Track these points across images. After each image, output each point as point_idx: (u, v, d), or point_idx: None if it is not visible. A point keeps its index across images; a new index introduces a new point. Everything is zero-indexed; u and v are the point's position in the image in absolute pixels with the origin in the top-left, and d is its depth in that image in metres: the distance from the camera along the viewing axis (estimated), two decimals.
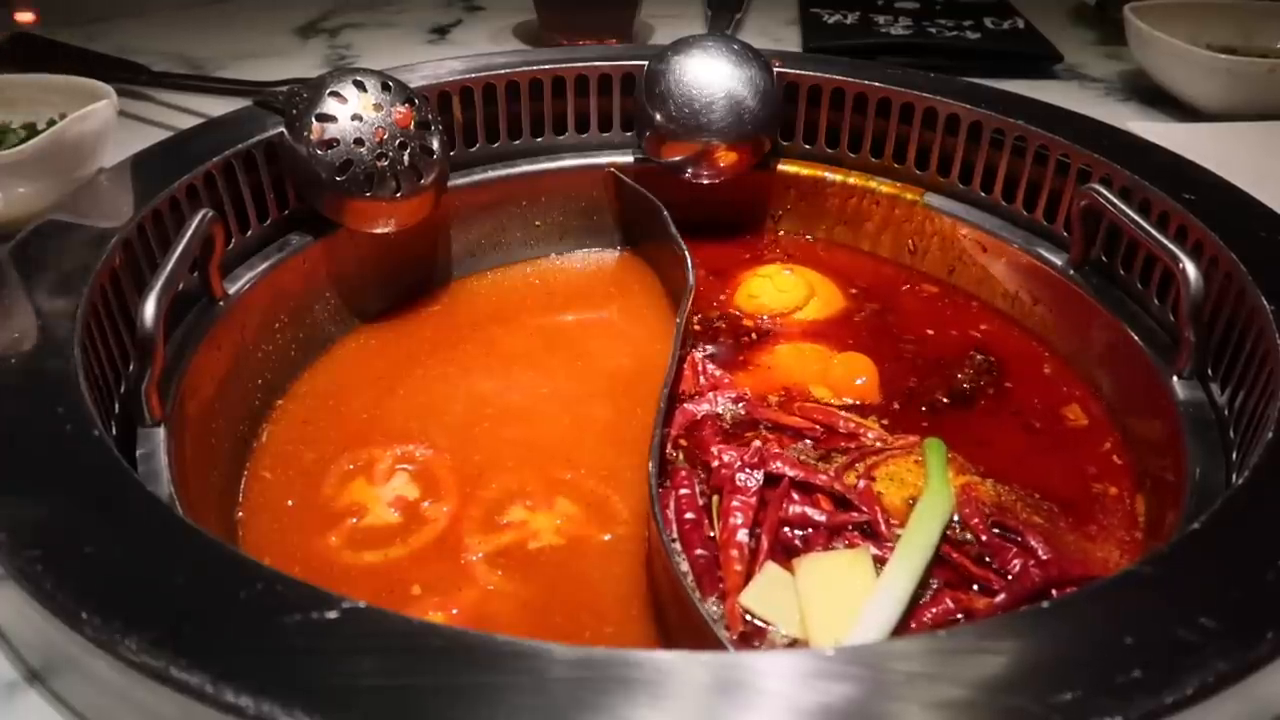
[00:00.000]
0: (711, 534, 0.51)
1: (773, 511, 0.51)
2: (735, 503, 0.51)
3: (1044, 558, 0.50)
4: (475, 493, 0.56)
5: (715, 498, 0.53)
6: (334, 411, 0.62)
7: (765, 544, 0.49)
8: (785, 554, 0.50)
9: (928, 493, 0.52)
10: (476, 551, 0.52)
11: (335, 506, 0.55)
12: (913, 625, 0.46)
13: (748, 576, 0.48)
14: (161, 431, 0.49)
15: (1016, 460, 0.58)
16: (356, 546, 0.53)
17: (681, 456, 0.57)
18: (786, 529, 0.51)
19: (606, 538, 0.53)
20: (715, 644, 0.41)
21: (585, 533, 0.54)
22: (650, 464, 0.50)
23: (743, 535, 0.50)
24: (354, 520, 0.54)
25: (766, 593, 0.47)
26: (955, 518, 0.52)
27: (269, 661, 0.32)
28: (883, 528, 0.51)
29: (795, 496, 0.52)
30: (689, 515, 0.52)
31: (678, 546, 0.50)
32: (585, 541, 0.53)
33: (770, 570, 0.48)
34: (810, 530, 0.51)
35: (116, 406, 0.51)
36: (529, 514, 0.55)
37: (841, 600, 0.46)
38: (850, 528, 0.51)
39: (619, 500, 0.56)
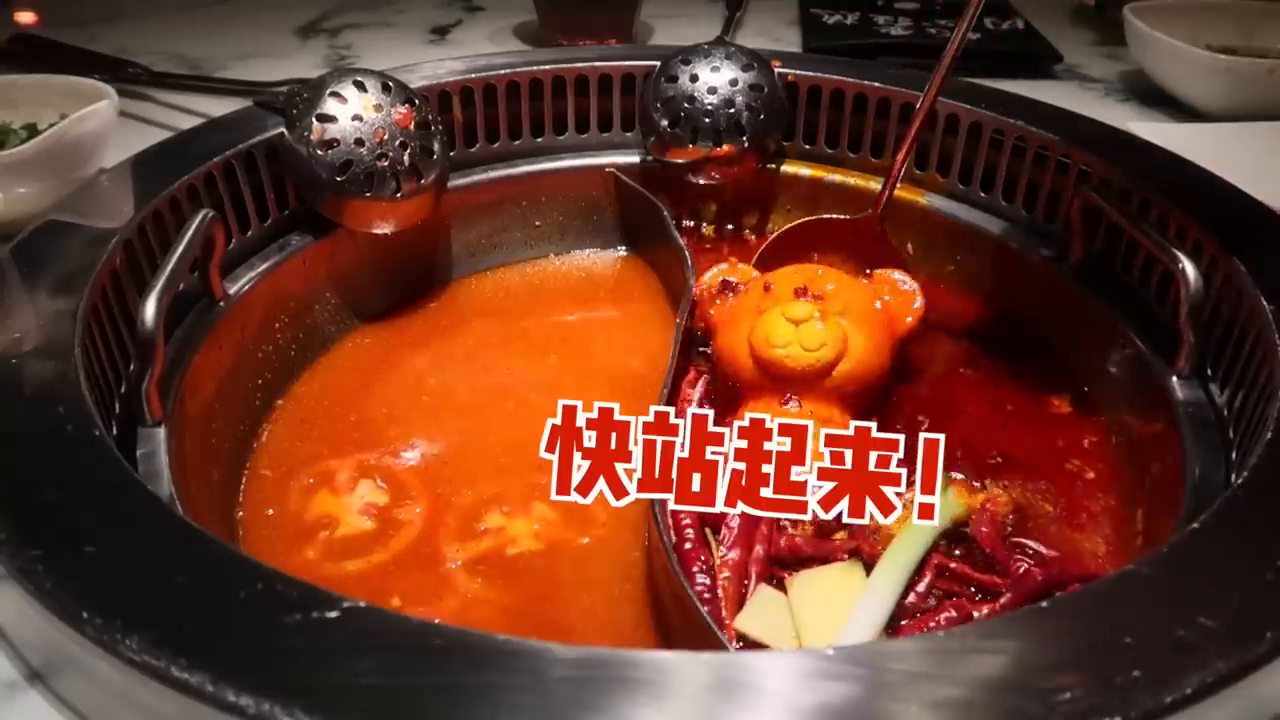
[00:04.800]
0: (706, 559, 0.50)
1: (766, 531, 0.51)
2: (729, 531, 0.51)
3: (1048, 557, 0.50)
4: (452, 498, 0.56)
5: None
6: (333, 411, 0.62)
7: (754, 573, 0.49)
8: (780, 569, 0.50)
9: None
10: (455, 559, 0.52)
11: (307, 518, 0.55)
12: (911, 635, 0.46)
13: (741, 599, 0.48)
14: (162, 431, 0.49)
15: (1016, 460, 0.58)
16: (336, 557, 0.52)
17: None
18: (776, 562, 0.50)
19: (585, 541, 0.53)
20: (715, 644, 0.41)
21: (563, 536, 0.54)
22: None
23: (734, 555, 0.50)
24: (325, 533, 0.54)
25: (761, 614, 0.47)
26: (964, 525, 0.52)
27: (269, 661, 0.33)
28: (869, 548, 0.50)
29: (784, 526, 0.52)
30: (688, 533, 0.51)
31: (673, 538, 0.50)
32: (564, 545, 0.53)
33: (763, 592, 0.48)
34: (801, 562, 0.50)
35: (117, 406, 0.51)
36: (506, 519, 0.54)
37: (836, 613, 0.46)
38: (843, 556, 0.51)
39: (595, 502, 0.55)
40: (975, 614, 0.47)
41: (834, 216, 0.71)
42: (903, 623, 0.47)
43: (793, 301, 0.58)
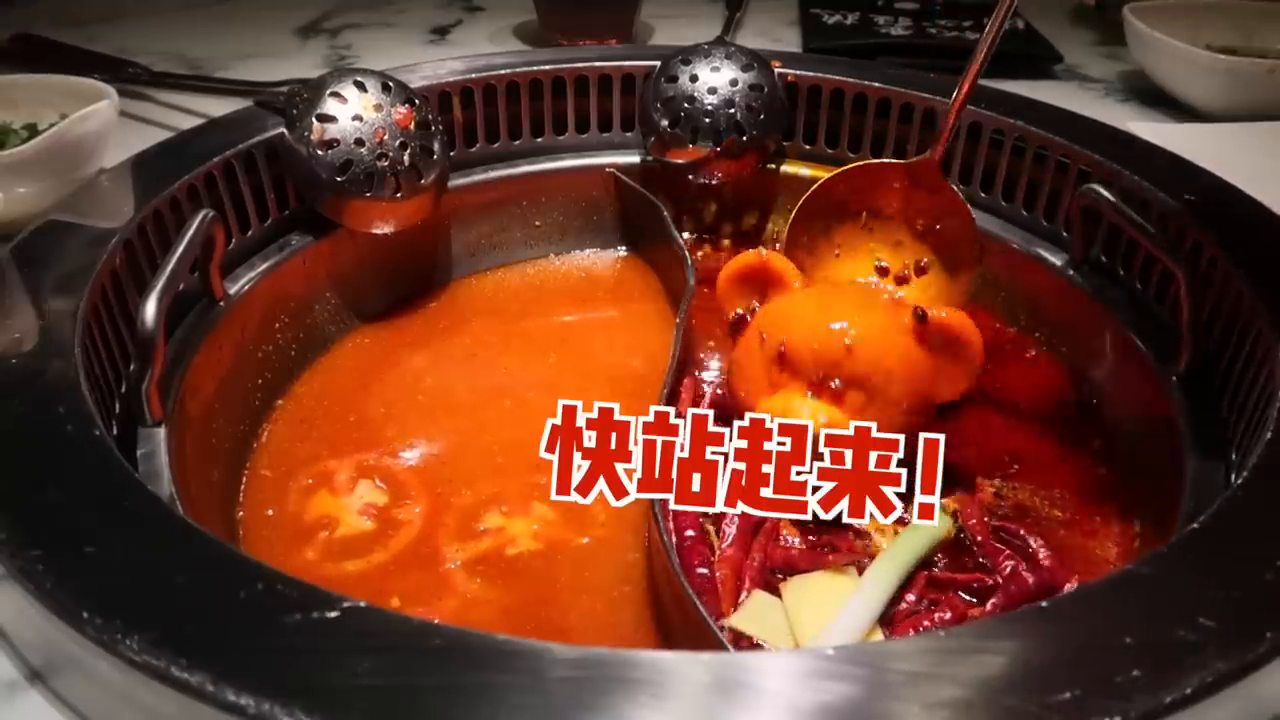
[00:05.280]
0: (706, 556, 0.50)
1: (763, 541, 0.51)
2: (729, 528, 0.51)
3: (1044, 562, 0.50)
4: (452, 498, 0.56)
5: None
6: (333, 411, 0.62)
7: (749, 579, 0.49)
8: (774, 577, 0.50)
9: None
10: (454, 560, 0.52)
11: (307, 518, 0.55)
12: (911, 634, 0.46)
13: (736, 595, 0.48)
14: (162, 431, 0.49)
15: (1014, 461, 0.58)
16: (335, 557, 0.52)
17: None
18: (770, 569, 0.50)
19: (584, 541, 0.53)
20: (716, 644, 0.41)
21: (563, 537, 0.54)
22: None
23: (731, 551, 0.50)
24: (325, 534, 0.54)
25: (755, 615, 0.47)
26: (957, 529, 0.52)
27: (269, 661, 0.33)
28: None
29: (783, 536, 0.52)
30: (689, 533, 0.51)
31: (674, 540, 0.50)
32: (563, 546, 0.53)
33: (758, 595, 0.48)
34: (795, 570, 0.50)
35: (117, 406, 0.51)
36: (505, 519, 0.54)
37: (830, 615, 0.46)
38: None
39: (594, 502, 0.55)
40: (968, 613, 0.47)
41: (887, 161, 0.64)
42: (895, 627, 0.47)
43: (801, 403, 0.51)
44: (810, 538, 0.52)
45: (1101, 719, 0.31)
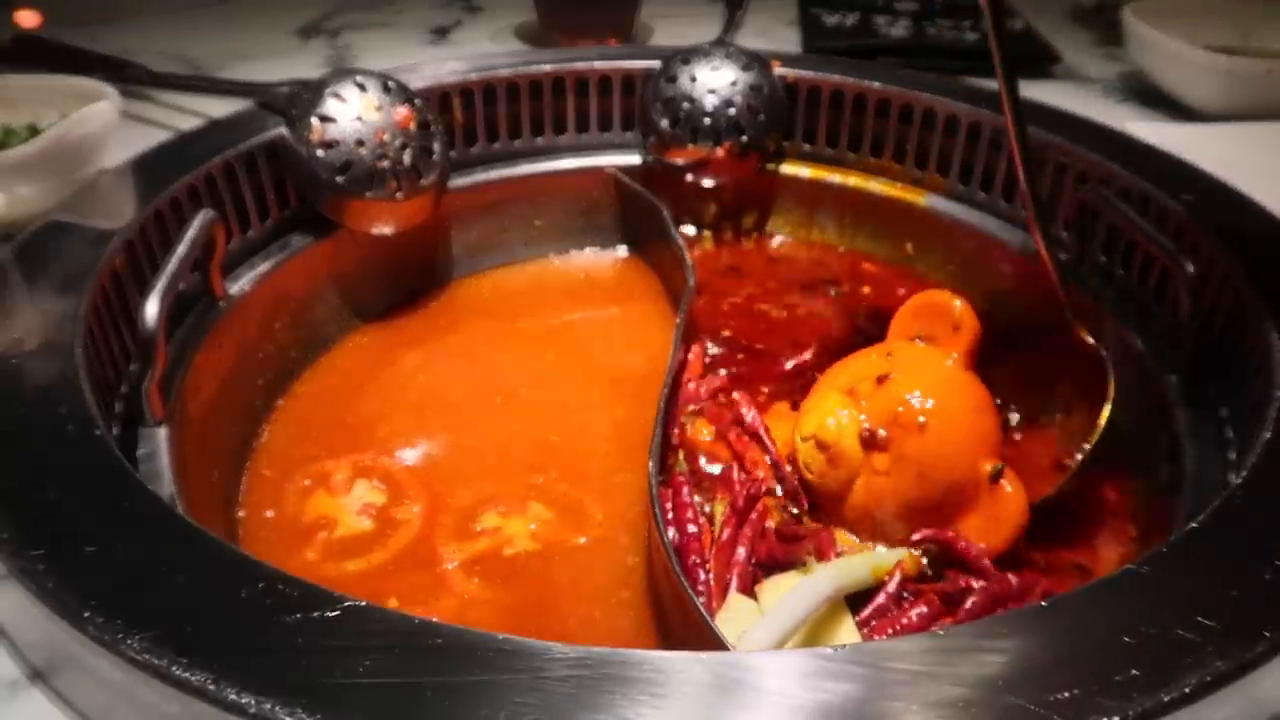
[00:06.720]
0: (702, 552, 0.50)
1: (749, 534, 0.51)
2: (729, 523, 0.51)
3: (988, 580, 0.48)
4: (450, 498, 0.56)
5: (717, 505, 0.53)
6: (333, 411, 0.62)
7: (734, 577, 0.49)
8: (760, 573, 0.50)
9: None
10: (452, 560, 0.52)
11: (306, 518, 0.55)
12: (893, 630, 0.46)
13: (725, 588, 0.48)
14: (163, 431, 0.49)
15: (1012, 460, 0.58)
16: (335, 557, 0.52)
17: (683, 458, 0.56)
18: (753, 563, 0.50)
19: (582, 541, 0.53)
20: (715, 643, 0.41)
21: (560, 537, 0.54)
22: (650, 463, 0.50)
23: (723, 545, 0.50)
24: (324, 534, 0.54)
25: (735, 620, 0.46)
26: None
27: (270, 660, 0.33)
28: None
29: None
30: (690, 529, 0.51)
31: (674, 535, 0.50)
32: (560, 546, 0.53)
33: (735, 598, 0.48)
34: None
35: (118, 406, 0.51)
36: (502, 519, 0.54)
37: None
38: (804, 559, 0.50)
39: (592, 502, 0.56)
40: (947, 605, 0.47)
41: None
42: (872, 623, 0.46)
43: (844, 414, 0.52)
44: (796, 521, 0.52)
45: (1101, 718, 0.31)
